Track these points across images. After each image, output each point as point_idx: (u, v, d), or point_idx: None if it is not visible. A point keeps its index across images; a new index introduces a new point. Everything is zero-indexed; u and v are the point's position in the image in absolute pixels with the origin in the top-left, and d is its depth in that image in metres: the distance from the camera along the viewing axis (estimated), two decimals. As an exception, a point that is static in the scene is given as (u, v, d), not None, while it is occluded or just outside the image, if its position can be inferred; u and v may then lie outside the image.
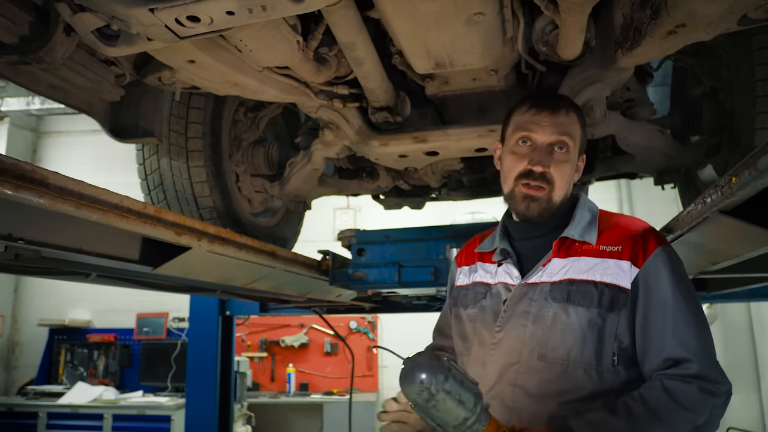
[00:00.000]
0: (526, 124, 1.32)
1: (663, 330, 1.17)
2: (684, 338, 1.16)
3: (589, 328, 1.20)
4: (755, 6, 1.18)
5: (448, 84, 1.96)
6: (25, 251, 1.15)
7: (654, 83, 2.67)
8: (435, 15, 1.38)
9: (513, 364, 1.25)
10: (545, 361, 1.22)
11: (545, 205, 1.30)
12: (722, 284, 2.64)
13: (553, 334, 1.22)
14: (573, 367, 1.20)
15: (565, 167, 1.30)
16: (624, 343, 1.20)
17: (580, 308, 1.21)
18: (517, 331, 1.27)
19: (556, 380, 1.20)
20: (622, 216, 1.36)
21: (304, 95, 1.88)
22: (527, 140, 1.32)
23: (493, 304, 1.35)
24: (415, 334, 6.11)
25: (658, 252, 1.22)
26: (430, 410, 1.00)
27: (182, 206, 2.29)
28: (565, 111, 1.31)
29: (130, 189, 1.58)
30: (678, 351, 1.15)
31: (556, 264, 1.28)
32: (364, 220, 7.37)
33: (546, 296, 1.26)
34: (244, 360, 5.80)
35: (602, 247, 1.26)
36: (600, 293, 1.21)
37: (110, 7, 1.09)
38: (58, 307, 7.13)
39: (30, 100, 7.22)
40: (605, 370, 1.19)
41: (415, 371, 1.01)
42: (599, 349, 1.19)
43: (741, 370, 6.12)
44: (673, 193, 2.86)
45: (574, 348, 1.20)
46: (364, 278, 2.30)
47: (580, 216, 1.32)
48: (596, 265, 1.24)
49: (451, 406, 1.00)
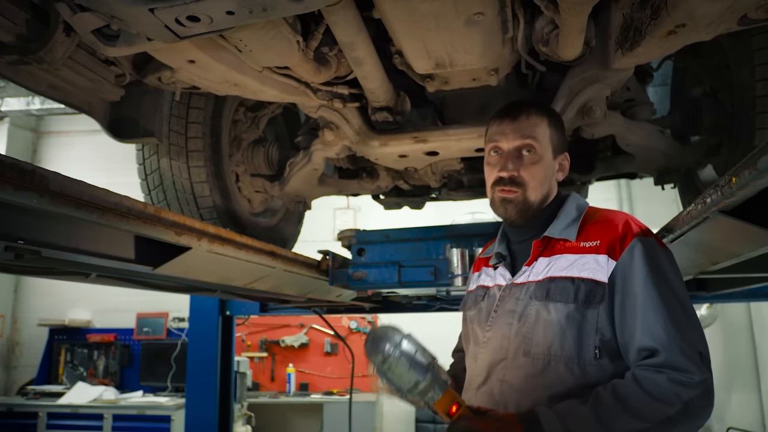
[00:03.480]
0: (493, 136, 1.42)
1: (634, 322, 1.19)
2: (652, 329, 1.16)
3: (568, 323, 1.23)
4: (755, 6, 1.18)
5: (448, 84, 1.96)
6: (25, 251, 1.15)
7: (654, 83, 2.67)
8: (435, 15, 1.38)
9: (501, 361, 1.31)
10: (529, 357, 1.26)
11: (521, 206, 1.36)
12: (722, 284, 2.64)
13: (536, 331, 1.27)
14: (555, 362, 1.23)
15: (534, 168, 1.36)
16: (606, 336, 1.22)
17: (559, 304, 1.25)
18: (504, 330, 1.33)
19: (540, 375, 1.24)
20: (608, 211, 1.38)
21: (304, 95, 1.88)
22: (497, 149, 1.41)
23: (488, 305, 1.42)
24: (415, 334, 6.13)
25: (634, 243, 1.24)
26: (386, 373, 1.18)
27: (182, 206, 2.29)
28: (526, 116, 1.39)
29: (130, 189, 1.58)
30: (647, 341, 1.16)
31: (541, 263, 1.34)
32: (364, 220, 7.37)
33: (530, 295, 1.31)
34: (244, 360, 5.79)
35: (582, 243, 1.30)
36: (576, 288, 1.24)
37: (110, 7, 1.09)
38: (58, 307, 7.13)
39: (30, 100, 7.22)
40: (588, 364, 1.21)
41: (374, 339, 1.20)
42: (579, 343, 1.22)
43: (741, 370, 6.12)
44: (673, 193, 2.86)
45: (555, 343, 1.24)
46: (364, 278, 2.30)
47: (565, 215, 1.37)
48: (575, 262, 1.28)
49: (403, 370, 1.16)
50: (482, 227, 2.26)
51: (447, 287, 2.42)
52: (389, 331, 1.20)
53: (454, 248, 2.18)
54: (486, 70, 1.84)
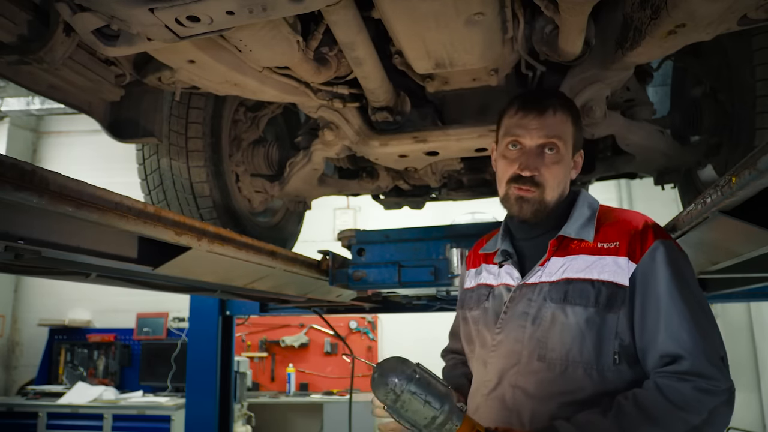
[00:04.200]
0: (514, 128, 1.32)
1: (656, 326, 1.15)
2: (676, 334, 1.12)
3: (588, 327, 1.18)
4: (755, 6, 1.18)
5: (448, 84, 1.96)
6: (25, 251, 1.15)
7: (654, 83, 2.67)
8: (435, 15, 1.38)
9: (513, 366, 1.25)
10: (545, 362, 1.21)
11: (537, 206, 1.29)
12: (722, 284, 2.63)
13: (552, 335, 1.21)
14: (573, 367, 1.18)
15: (555, 168, 1.29)
16: (625, 341, 1.18)
17: (578, 307, 1.20)
18: (517, 333, 1.26)
19: (556, 381, 1.19)
20: (623, 211, 1.33)
21: (304, 95, 1.87)
22: (516, 144, 1.31)
23: (495, 305, 1.35)
24: (416, 334, 6.14)
25: (656, 246, 1.19)
26: (399, 411, 1.07)
27: (182, 206, 2.29)
28: (552, 111, 1.29)
29: (130, 189, 1.58)
30: (671, 347, 1.12)
31: (554, 263, 1.27)
32: (364, 220, 7.37)
33: (545, 297, 1.25)
34: (244, 360, 5.80)
35: (600, 244, 1.24)
36: (597, 291, 1.19)
37: (110, 7, 1.09)
38: (58, 307, 7.13)
39: (30, 100, 7.22)
40: (606, 369, 1.17)
41: (382, 375, 1.08)
42: (599, 348, 1.17)
43: (741, 370, 6.12)
44: (673, 193, 2.86)
45: (573, 348, 1.19)
46: (364, 278, 2.30)
47: (579, 213, 1.31)
48: (593, 263, 1.22)
49: (418, 406, 1.06)
50: (482, 227, 2.26)
51: (447, 287, 2.42)
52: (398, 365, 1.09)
53: (454, 248, 2.18)
54: (486, 70, 1.84)
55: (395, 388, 1.06)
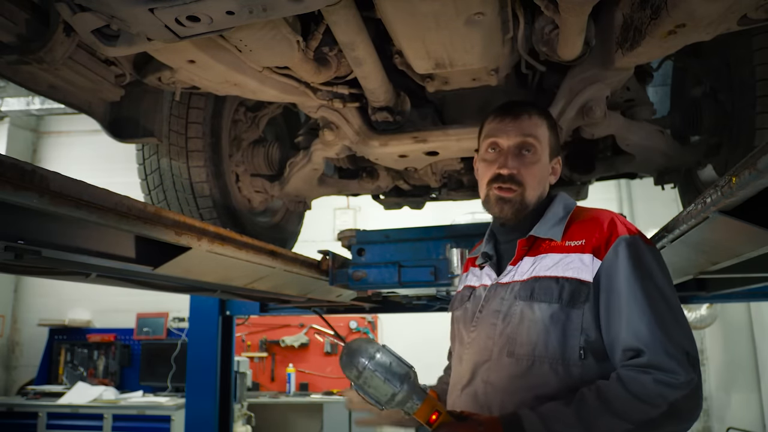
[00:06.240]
0: (492, 132, 1.38)
1: (619, 321, 1.18)
2: (636, 328, 1.15)
3: (552, 323, 1.22)
4: (755, 6, 1.18)
5: (448, 84, 1.96)
6: (25, 251, 1.15)
7: (654, 83, 2.67)
8: (435, 15, 1.38)
9: (485, 362, 1.29)
10: (513, 357, 1.25)
11: (518, 206, 1.34)
12: (722, 284, 2.64)
13: (521, 331, 1.26)
14: (539, 362, 1.22)
15: (533, 168, 1.34)
16: (591, 337, 1.21)
17: (543, 304, 1.24)
18: (488, 330, 1.31)
19: (524, 375, 1.23)
20: (594, 210, 1.36)
21: (304, 95, 1.88)
22: (495, 146, 1.37)
23: (473, 305, 1.40)
24: (415, 334, 6.14)
25: (619, 242, 1.22)
26: (363, 387, 1.17)
27: (182, 206, 2.29)
28: (527, 115, 1.36)
29: (130, 189, 1.58)
30: (631, 341, 1.15)
31: (526, 263, 1.32)
32: (364, 220, 7.37)
33: (515, 295, 1.29)
34: (244, 360, 5.80)
35: (567, 242, 1.29)
36: (560, 288, 1.23)
37: (110, 7, 1.09)
38: (58, 307, 7.13)
39: (30, 100, 7.22)
40: (572, 364, 1.20)
41: (347, 354, 1.19)
42: (563, 344, 1.21)
43: (741, 370, 6.12)
44: (673, 193, 2.86)
45: (539, 343, 1.22)
46: (364, 278, 2.30)
47: (552, 214, 1.35)
48: (559, 261, 1.26)
49: (378, 383, 1.15)
50: (482, 227, 2.26)
51: (447, 287, 2.42)
52: (363, 344, 1.19)
53: (454, 248, 2.18)
54: (486, 70, 1.84)
55: (357, 365, 1.16)
